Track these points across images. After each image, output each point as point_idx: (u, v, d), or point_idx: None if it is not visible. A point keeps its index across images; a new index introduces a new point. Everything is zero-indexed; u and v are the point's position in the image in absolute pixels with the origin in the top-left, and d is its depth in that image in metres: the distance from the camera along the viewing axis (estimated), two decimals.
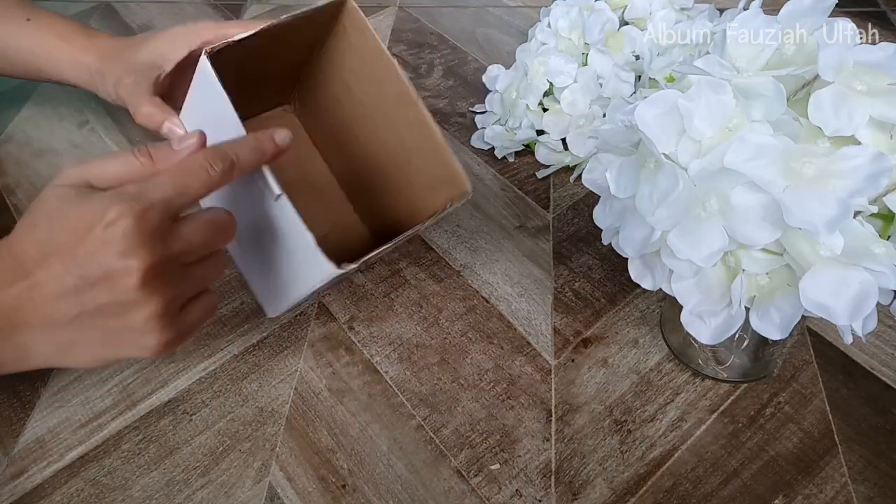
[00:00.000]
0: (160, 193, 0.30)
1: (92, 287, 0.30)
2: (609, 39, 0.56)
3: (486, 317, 0.46)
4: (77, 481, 0.38)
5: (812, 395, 0.41)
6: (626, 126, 0.33)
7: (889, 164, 0.27)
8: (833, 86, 0.29)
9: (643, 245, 0.33)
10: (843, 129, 0.29)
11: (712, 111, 0.31)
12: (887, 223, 0.29)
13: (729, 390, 0.42)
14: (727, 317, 0.32)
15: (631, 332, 0.45)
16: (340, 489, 0.38)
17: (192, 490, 0.38)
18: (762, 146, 0.29)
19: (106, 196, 0.30)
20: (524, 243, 0.51)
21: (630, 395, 0.42)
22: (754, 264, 0.31)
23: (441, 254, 0.51)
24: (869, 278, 0.28)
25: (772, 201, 0.28)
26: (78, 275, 0.29)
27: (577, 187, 0.56)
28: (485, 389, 0.42)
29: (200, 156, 0.32)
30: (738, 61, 0.33)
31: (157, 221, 0.30)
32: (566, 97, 0.55)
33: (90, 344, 0.32)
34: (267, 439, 0.40)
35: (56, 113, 0.65)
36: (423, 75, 0.69)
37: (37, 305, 0.30)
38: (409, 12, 0.79)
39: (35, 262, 0.30)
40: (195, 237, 0.32)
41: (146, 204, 0.29)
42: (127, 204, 0.29)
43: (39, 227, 0.30)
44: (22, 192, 0.57)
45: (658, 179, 0.31)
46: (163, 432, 0.41)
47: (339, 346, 0.45)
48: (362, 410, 0.42)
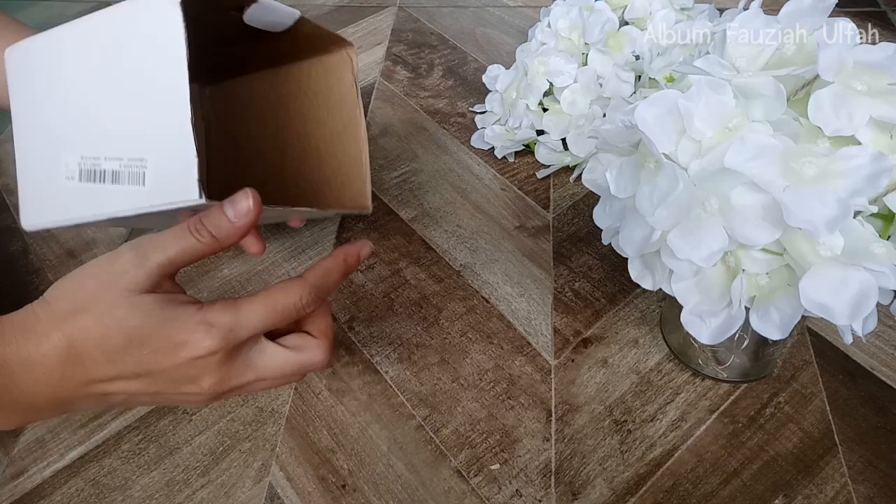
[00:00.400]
0: (251, 330, 0.30)
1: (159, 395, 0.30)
2: (609, 39, 0.56)
3: (486, 317, 0.46)
4: (77, 481, 0.38)
5: (812, 395, 0.41)
6: (626, 126, 0.33)
7: (889, 164, 0.27)
8: (833, 86, 0.29)
9: (643, 245, 0.33)
10: (843, 129, 0.29)
11: (712, 111, 0.31)
12: (887, 223, 0.29)
13: (729, 390, 0.42)
14: (727, 317, 0.32)
15: (631, 332, 0.45)
16: (340, 489, 0.38)
17: (192, 490, 0.38)
18: (762, 146, 0.29)
19: (196, 324, 0.28)
20: (524, 243, 0.51)
21: (630, 395, 0.42)
22: (754, 264, 0.31)
23: (441, 254, 0.51)
24: (869, 278, 0.28)
25: (772, 201, 0.28)
26: (153, 391, 0.30)
27: (577, 187, 0.56)
28: (485, 389, 0.42)
29: (292, 294, 0.31)
30: (738, 61, 0.33)
31: (240, 358, 0.30)
32: (566, 97, 0.55)
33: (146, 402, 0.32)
34: (267, 439, 0.40)
35: None
36: (423, 75, 0.69)
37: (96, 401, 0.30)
38: (409, 12, 0.79)
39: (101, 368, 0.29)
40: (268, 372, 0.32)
41: (235, 342, 0.29)
42: (218, 341, 0.29)
43: (113, 340, 0.28)
44: None
45: (658, 179, 0.31)
46: (163, 432, 0.41)
47: (339, 346, 0.45)
48: (362, 410, 0.42)
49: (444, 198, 0.55)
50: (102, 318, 0.28)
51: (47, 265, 0.51)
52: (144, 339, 0.28)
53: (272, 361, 0.31)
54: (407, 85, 0.67)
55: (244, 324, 0.29)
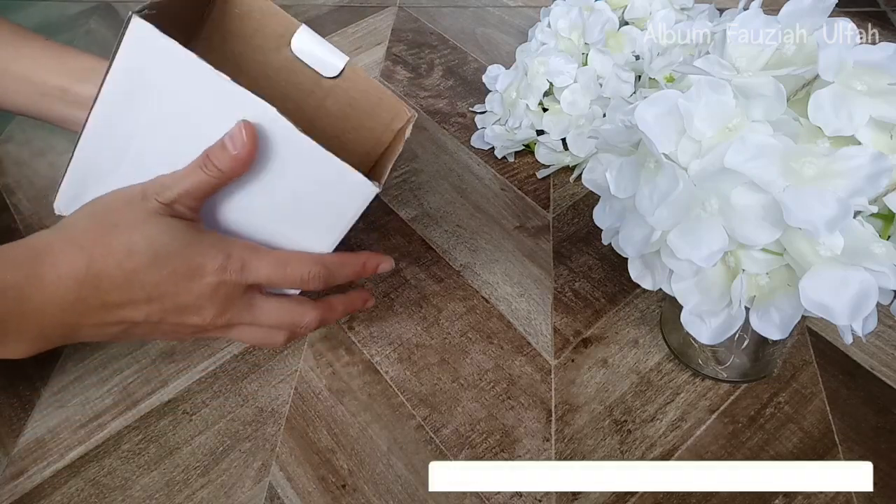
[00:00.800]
0: (257, 276, 0.33)
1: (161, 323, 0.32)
2: (609, 39, 0.56)
3: (486, 317, 0.46)
4: (77, 481, 0.38)
5: (812, 395, 0.41)
6: (626, 126, 0.33)
7: (889, 164, 0.27)
8: (833, 86, 0.29)
9: (643, 245, 0.33)
10: (843, 129, 0.29)
11: (712, 111, 0.31)
12: (887, 223, 0.29)
13: (729, 390, 0.42)
14: (727, 317, 0.32)
15: (631, 332, 0.45)
16: (340, 489, 0.38)
17: (192, 490, 0.38)
18: (762, 146, 0.29)
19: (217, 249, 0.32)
20: (524, 243, 0.51)
21: (630, 395, 0.42)
22: (754, 264, 0.31)
23: (441, 254, 0.51)
24: (869, 278, 0.28)
25: (772, 201, 0.28)
26: (157, 319, 0.32)
27: (577, 187, 0.56)
28: (485, 389, 0.42)
29: (305, 265, 0.34)
30: (738, 61, 0.33)
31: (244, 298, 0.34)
32: (566, 97, 0.55)
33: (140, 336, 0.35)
34: (267, 439, 0.40)
35: None
36: (423, 75, 0.69)
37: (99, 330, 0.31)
38: (409, 12, 0.79)
39: (116, 292, 0.30)
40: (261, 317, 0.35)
41: (242, 280, 0.33)
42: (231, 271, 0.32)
43: (139, 258, 0.30)
44: (22, 192, 0.57)
45: (658, 179, 0.31)
46: (163, 432, 0.41)
47: (339, 346, 0.45)
48: (362, 410, 0.42)
49: (444, 198, 0.55)
50: (133, 234, 0.30)
51: None
52: (169, 258, 0.30)
53: (267, 306, 0.34)
54: (407, 85, 0.67)
55: (254, 267, 0.32)
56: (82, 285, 0.29)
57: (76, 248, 0.29)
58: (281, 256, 0.34)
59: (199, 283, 0.31)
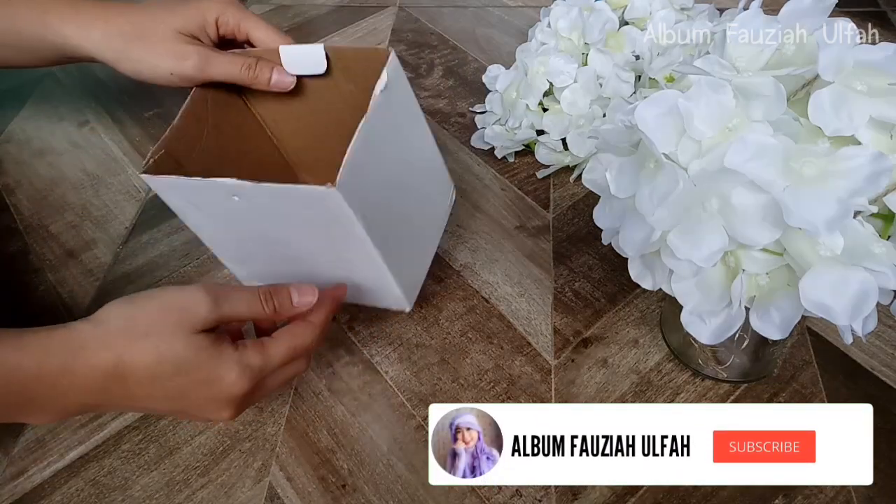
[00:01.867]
0: (274, 368, 0.35)
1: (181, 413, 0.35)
2: (609, 39, 0.56)
3: (486, 317, 0.46)
4: (77, 481, 0.39)
5: (812, 395, 0.41)
6: (626, 126, 0.33)
7: (889, 164, 0.27)
8: (833, 86, 0.29)
9: (643, 245, 0.33)
10: (843, 129, 0.29)
11: (712, 111, 0.30)
12: (887, 223, 0.29)
13: (729, 390, 0.42)
14: (727, 317, 0.32)
15: (631, 332, 0.45)
16: (340, 489, 0.38)
17: (192, 490, 0.38)
18: (762, 146, 0.29)
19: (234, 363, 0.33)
20: (524, 243, 0.51)
21: (630, 395, 0.42)
22: (754, 264, 0.31)
23: (441, 254, 0.51)
24: (869, 278, 0.28)
25: (772, 201, 0.28)
26: (177, 410, 0.34)
27: (577, 187, 0.56)
28: (485, 389, 0.42)
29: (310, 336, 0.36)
30: (738, 61, 0.33)
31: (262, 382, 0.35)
32: (566, 97, 0.55)
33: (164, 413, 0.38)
34: (267, 439, 0.40)
35: (56, 113, 0.65)
36: (423, 75, 0.69)
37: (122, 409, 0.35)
38: (409, 12, 0.79)
39: (141, 388, 0.32)
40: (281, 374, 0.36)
41: (261, 379, 0.34)
42: (248, 380, 0.33)
43: (163, 367, 0.32)
44: (22, 192, 0.57)
45: (658, 179, 0.31)
46: (163, 432, 0.41)
47: (339, 345, 0.45)
48: (362, 410, 0.42)
49: None
50: (160, 345, 0.32)
51: (47, 265, 0.51)
52: (191, 369, 0.32)
53: (273, 350, 0.35)
54: None
55: (270, 364, 0.34)
56: (108, 380, 0.31)
57: (107, 346, 0.31)
58: (290, 340, 0.35)
59: (219, 391, 0.33)
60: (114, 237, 0.53)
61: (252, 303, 0.35)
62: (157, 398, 0.33)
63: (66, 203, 0.56)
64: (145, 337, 0.32)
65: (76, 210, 0.55)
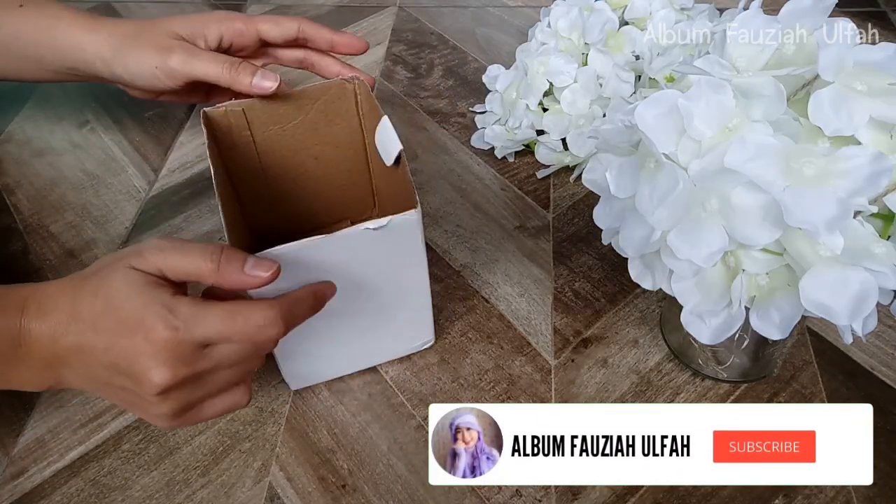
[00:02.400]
0: (203, 332, 0.31)
1: (118, 374, 0.31)
2: (609, 39, 0.56)
3: (486, 317, 0.46)
4: (77, 481, 0.39)
5: (812, 395, 0.41)
6: (626, 126, 0.33)
7: (889, 164, 0.27)
8: (833, 86, 0.29)
9: (643, 245, 0.33)
10: (843, 129, 0.29)
11: (712, 111, 0.31)
12: (887, 223, 0.29)
13: (729, 390, 0.42)
14: (727, 317, 0.32)
15: (631, 332, 0.45)
16: (340, 489, 0.38)
17: (192, 490, 0.38)
18: (762, 146, 0.29)
19: (162, 310, 0.30)
20: (524, 243, 0.51)
21: (630, 395, 0.42)
22: (754, 264, 0.31)
23: (441, 254, 0.51)
24: (869, 278, 0.28)
25: (772, 201, 0.28)
26: (109, 361, 0.31)
27: (577, 187, 0.56)
28: (485, 389, 0.42)
29: (260, 315, 0.31)
30: (738, 61, 0.33)
31: (189, 352, 0.31)
32: (566, 97, 0.55)
33: (116, 398, 0.34)
34: (267, 439, 0.40)
35: (56, 113, 0.65)
36: (423, 75, 0.69)
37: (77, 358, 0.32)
38: (409, 12, 0.79)
39: (86, 326, 0.31)
40: (224, 361, 0.32)
41: (187, 336, 0.30)
42: (171, 330, 0.30)
43: (100, 300, 0.31)
44: (22, 192, 0.57)
45: (658, 179, 0.31)
46: (163, 432, 0.41)
47: None
48: (362, 410, 0.42)
49: (444, 198, 0.55)
50: (102, 281, 0.31)
51: (47, 265, 0.51)
52: (119, 306, 0.30)
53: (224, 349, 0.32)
54: (407, 85, 0.67)
55: (200, 321, 0.30)
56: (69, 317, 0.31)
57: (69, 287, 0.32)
58: (230, 307, 0.31)
59: (139, 339, 0.30)
60: (114, 237, 0.53)
61: (198, 259, 0.31)
62: (98, 350, 0.31)
63: (66, 203, 0.56)
64: (93, 274, 0.32)
65: (76, 210, 0.55)
